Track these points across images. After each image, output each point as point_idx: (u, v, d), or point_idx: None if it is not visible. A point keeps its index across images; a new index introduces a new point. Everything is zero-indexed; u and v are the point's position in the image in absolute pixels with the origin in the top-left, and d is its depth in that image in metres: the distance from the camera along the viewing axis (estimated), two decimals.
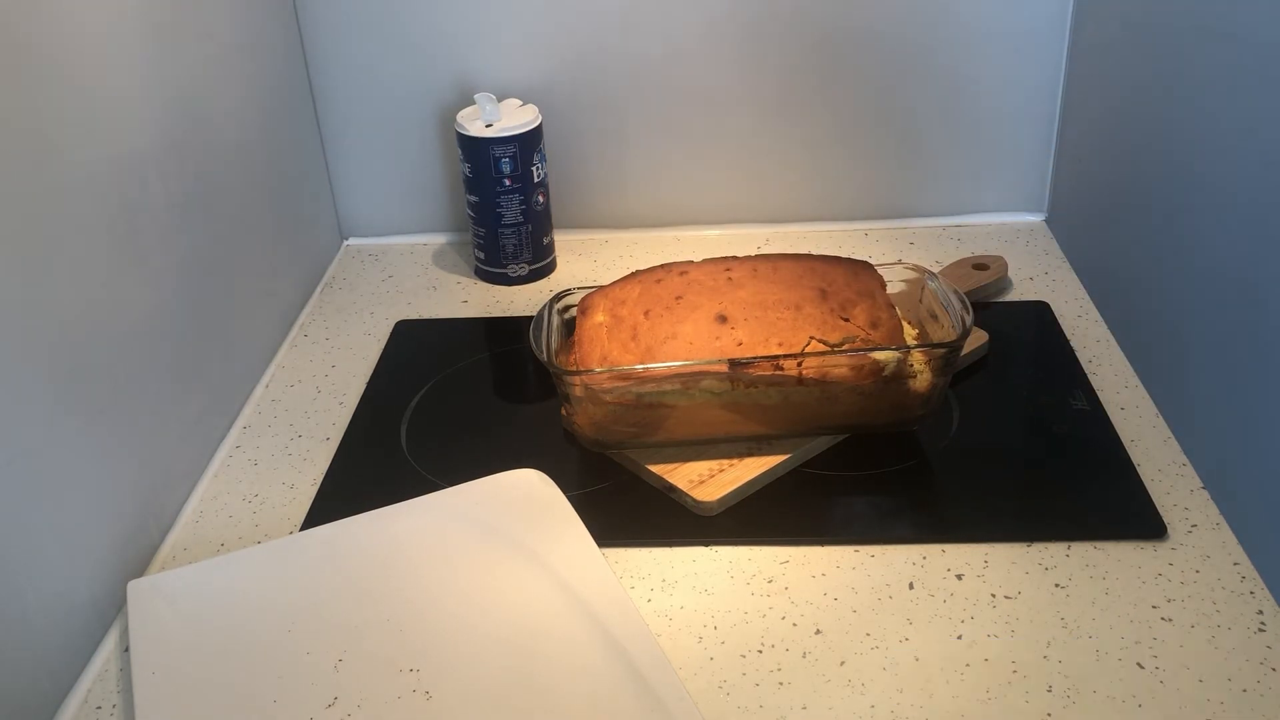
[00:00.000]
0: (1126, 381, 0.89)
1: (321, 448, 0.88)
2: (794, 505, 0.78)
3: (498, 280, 1.10)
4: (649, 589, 0.72)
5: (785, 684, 0.65)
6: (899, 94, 1.10)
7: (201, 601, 0.71)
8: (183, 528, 0.80)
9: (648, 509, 0.78)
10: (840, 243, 1.13)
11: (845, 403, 0.79)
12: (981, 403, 0.88)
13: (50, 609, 0.66)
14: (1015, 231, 1.14)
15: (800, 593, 0.71)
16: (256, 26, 1.00)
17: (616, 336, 0.80)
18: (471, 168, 1.05)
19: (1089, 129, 1.07)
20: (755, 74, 1.09)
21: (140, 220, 0.77)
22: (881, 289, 0.83)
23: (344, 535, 0.75)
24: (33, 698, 0.65)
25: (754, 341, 0.77)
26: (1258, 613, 0.67)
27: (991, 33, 1.07)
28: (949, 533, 0.75)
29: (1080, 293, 1.02)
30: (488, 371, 0.99)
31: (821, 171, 1.15)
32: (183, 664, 0.66)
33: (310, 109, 1.11)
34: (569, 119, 1.11)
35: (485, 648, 0.66)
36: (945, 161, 1.14)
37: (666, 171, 1.15)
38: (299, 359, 1.00)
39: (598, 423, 0.80)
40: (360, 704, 0.63)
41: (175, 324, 0.83)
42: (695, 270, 0.83)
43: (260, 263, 0.99)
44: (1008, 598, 0.70)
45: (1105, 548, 0.73)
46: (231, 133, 0.91)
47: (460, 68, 1.09)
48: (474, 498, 0.77)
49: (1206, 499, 0.76)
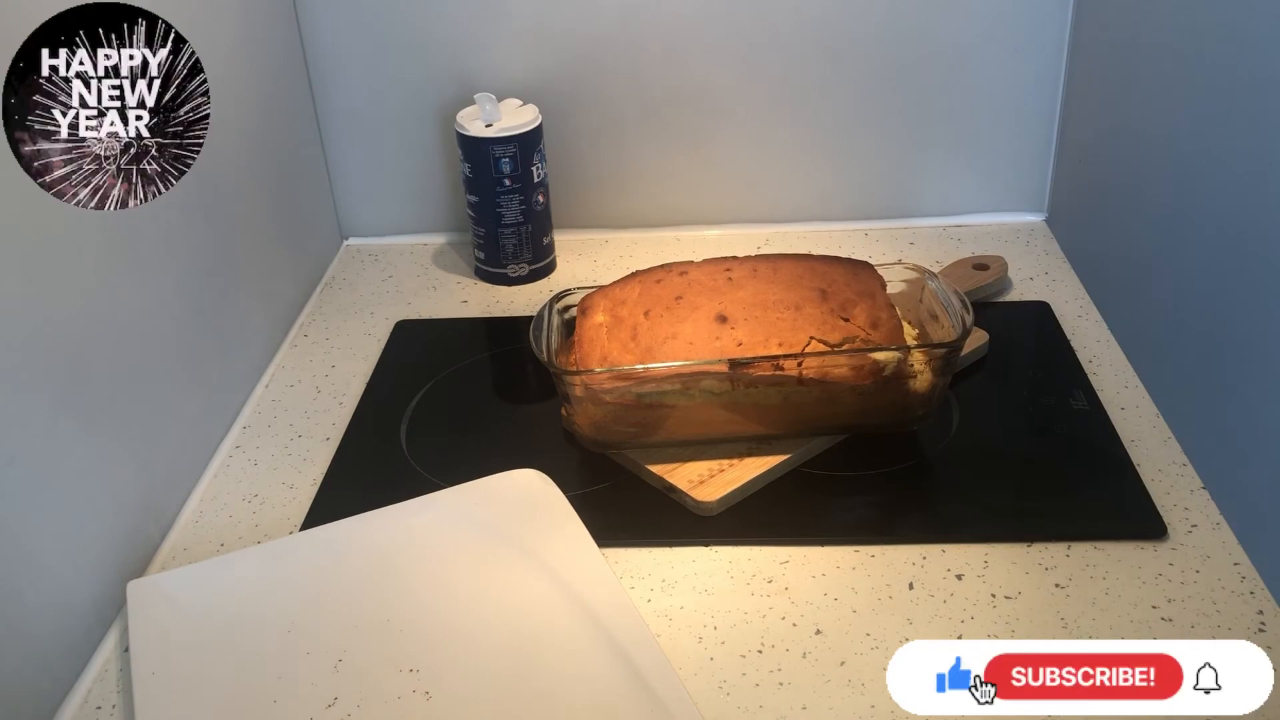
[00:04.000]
0: (1126, 381, 0.89)
1: (321, 448, 0.88)
2: (794, 505, 0.78)
3: (498, 280, 1.10)
4: (649, 589, 0.72)
5: (785, 684, 0.65)
6: (899, 94, 1.10)
7: (201, 601, 0.71)
8: (183, 528, 0.80)
9: (648, 509, 0.78)
10: (840, 243, 1.13)
11: (845, 403, 0.79)
12: (981, 403, 0.88)
13: (50, 609, 0.66)
14: (1015, 231, 1.14)
15: (800, 593, 0.71)
16: (256, 27, 1.00)
17: (616, 336, 0.80)
18: (471, 168, 1.05)
19: (1089, 129, 1.07)
20: (755, 74, 1.09)
21: (140, 220, 0.77)
22: (881, 289, 0.83)
23: (344, 535, 0.75)
24: (33, 698, 0.65)
25: (754, 341, 0.77)
26: (1258, 613, 0.67)
27: (991, 33, 1.07)
28: (949, 533, 0.75)
29: (1080, 293, 1.02)
30: (488, 371, 0.99)
31: (821, 171, 1.15)
32: (183, 664, 0.66)
33: (310, 109, 1.11)
34: (569, 119, 1.11)
35: (485, 648, 0.66)
36: (945, 161, 1.14)
37: (666, 171, 1.15)
38: (299, 359, 1.00)
39: (598, 423, 0.80)
40: (360, 704, 0.63)
41: (175, 324, 0.83)
42: (695, 270, 0.83)
43: (260, 263, 0.99)
44: (1008, 598, 0.70)
45: (1105, 548, 0.73)
46: (231, 133, 0.91)
47: (460, 68, 1.09)
48: (474, 498, 0.77)
49: (1206, 499, 0.76)
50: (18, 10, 0.62)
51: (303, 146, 1.10)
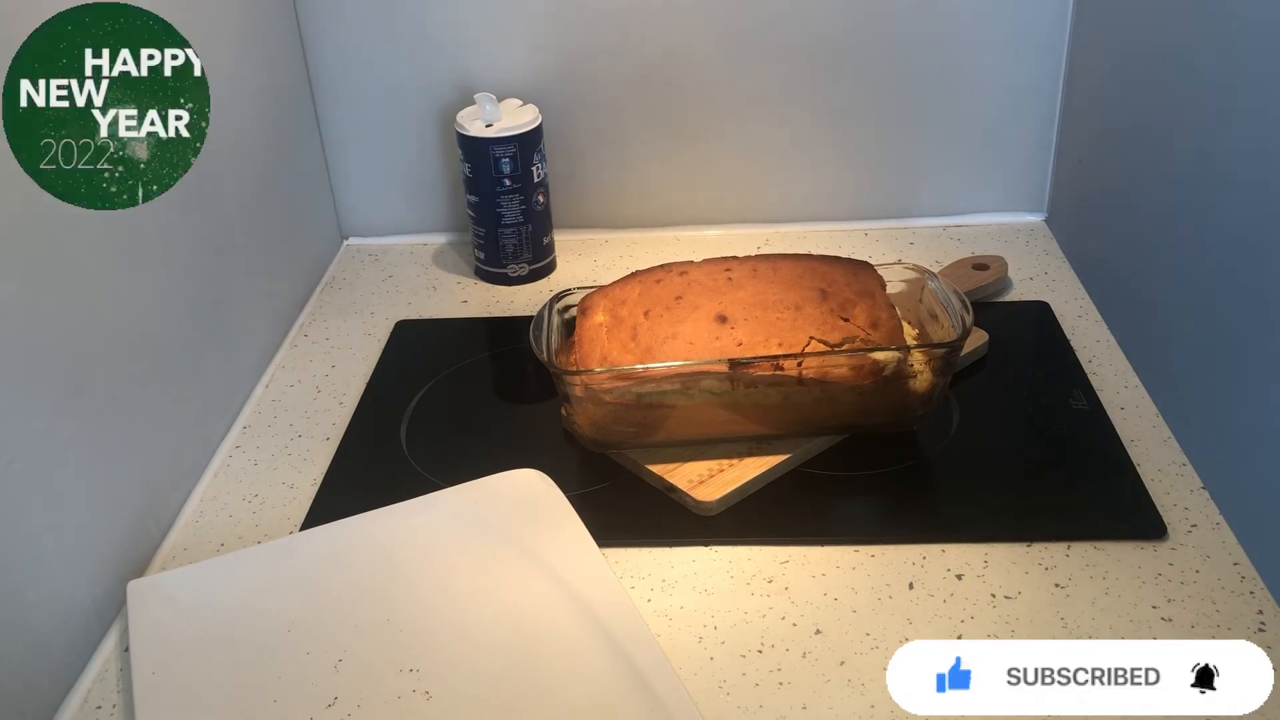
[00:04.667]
0: (1126, 381, 0.89)
1: (321, 448, 0.88)
2: (794, 505, 0.78)
3: (498, 280, 1.10)
4: (649, 589, 0.72)
5: (785, 684, 0.65)
6: (899, 94, 1.10)
7: (201, 601, 0.71)
8: (183, 528, 0.80)
9: (648, 509, 0.78)
10: (840, 243, 1.13)
11: (845, 403, 0.79)
12: (981, 403, 0.88)
13: (50, 609, 0.66)
14: (1015, 231, 1.14)
15: (800, 593, 0.71)
16: (257, 26, 1.00)
17: (616, 336, 0.80)
18: (471, 168, 1.05)
19: (1089, 129, 1.07)
20: (755, 74, 1.09)
21: (140, 220, 0.77)
22: (881, 289, 0.83)
23: (344, 535, 0.75)
24: (33, 698, 0.65)
25: (754, 341, 0.77)
26: (1258, 613, 0.67)
27: (991, 33, 1.07)
28: (949, 533, 0.75)
29: (1080, 293, 1.02)
30: (488, 371, 0.99)
31: (821, 171, 1.15)
32: (183, 664, 0.66)
33: (310, 109, 1.11)
34: (569, 119, 1.11)
35: (485, 648, 0.66)
36: (945, 161, 1.14)
37: (666, 171, 1.15)
38: (299, 359, 1.00)
39: (598, 423, 0.80)
40: (360, 704, 0.63)
41: (175, 324, 0.83)
42: (695, 270, 0.83)
43: (260, 263, 0.99)
44: (1008, 598, 0.70)
45: (1105, 548, 0.73)
46: (231, 133, 0.91)
47: (460, 68, 1.09)
48: (474, 498, 0.77)
49: (1206, 499, 0.76)
50: (18, 10, 0.62)
51: (303, 146, 1.10)
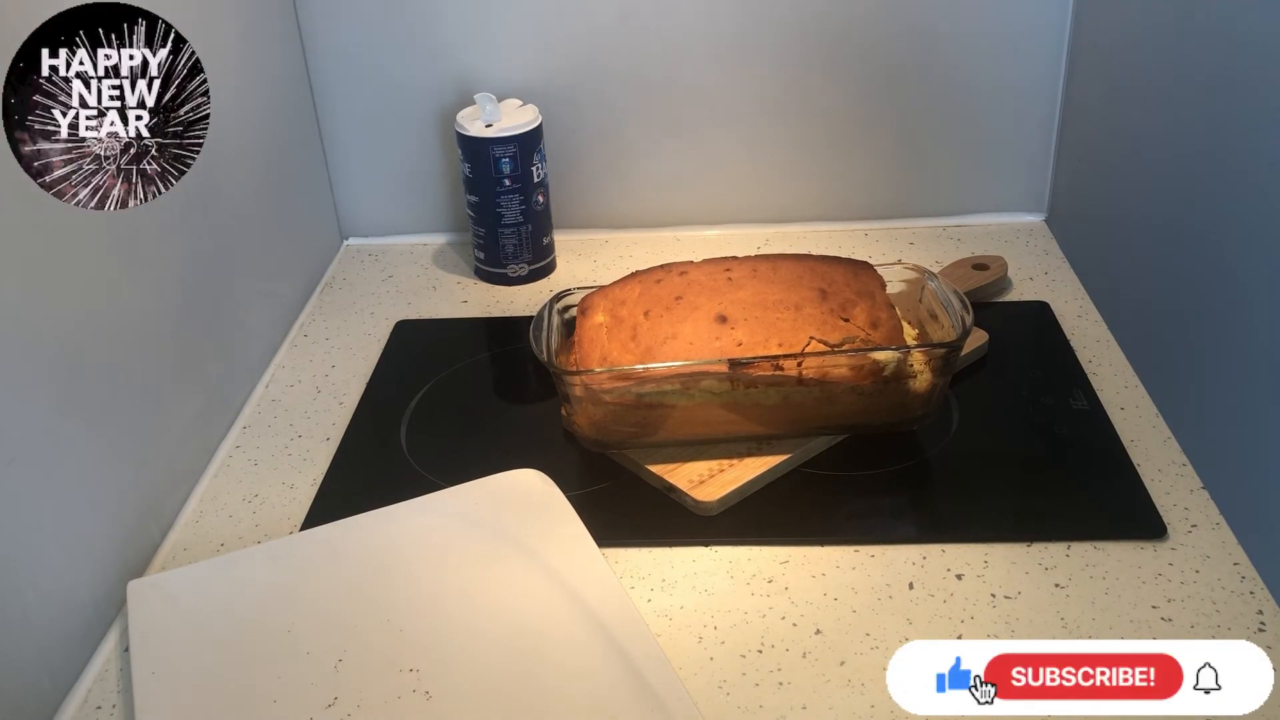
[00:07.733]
0: (1126, 381, 0.89)
1: (321, 448, 0.88)
2: (794, 505, 0.78)
3: (498, 280, 1.10)
4: (649, 589, 0.72)
5: (785, 684, 0.65)
6: (899, 94, 1.10)
7: (201, 601, 0.71)
8: (183, 528, 0.80)
9: (648, 509, 0.78)
10: (840, 243, 1.13)
11: (845, 403, 0.79)
12: (981, 403, 0.88)
13: (50, 609, 0.66)
14: (1015, 231, 1.14)
15: (800, 593, 0.71)
16: (256, 26, 1.00)
17: (616, 337, 0.80)
18: (471, 168, 1.05)
19: (1089, 129, 1.07)
20: (755, 74, 1.09)
21: (140, 220, 0.77)
22: (881, 289, 0.83)
23: (344, 535, 0.75)
24: (33, 698, 0.65)
25: (754, 341, 0.77)
26: (1258, 613, 0.67)
27: (991, 33, 1.07)
28: (949, 533, 0.75)
29: (1080, 293, 1.02)
30: (488, 371, 0.99)
31: (821, 171, 1.15)
32: (183, 664, 0.66)
33: (310, 108, 1.11)
34: (569, 119, 1.11)
35: (485, 648, 0.66)
36: (945, 161, 1.14)
37: (666, 171, 1.15)
38: (299, 359, 1.00)
39: (598, 423, 0.80)
40: (360, 704, 0.63)
41: (175, 324, 0.83)
42: (695, 270, 0.83)
43: (260, 263, 0.99)
44: (1008, 598, 0.70)
45: (1105, 548, 0.73)
46: (231, 133, 0.91)
47: (460, 68, 1.09)
48: (474, 498, 0.77)
49: (1206, 499, 0.76)
50: (19, 10, 0.62)
51: (303, 146, 1.10)
